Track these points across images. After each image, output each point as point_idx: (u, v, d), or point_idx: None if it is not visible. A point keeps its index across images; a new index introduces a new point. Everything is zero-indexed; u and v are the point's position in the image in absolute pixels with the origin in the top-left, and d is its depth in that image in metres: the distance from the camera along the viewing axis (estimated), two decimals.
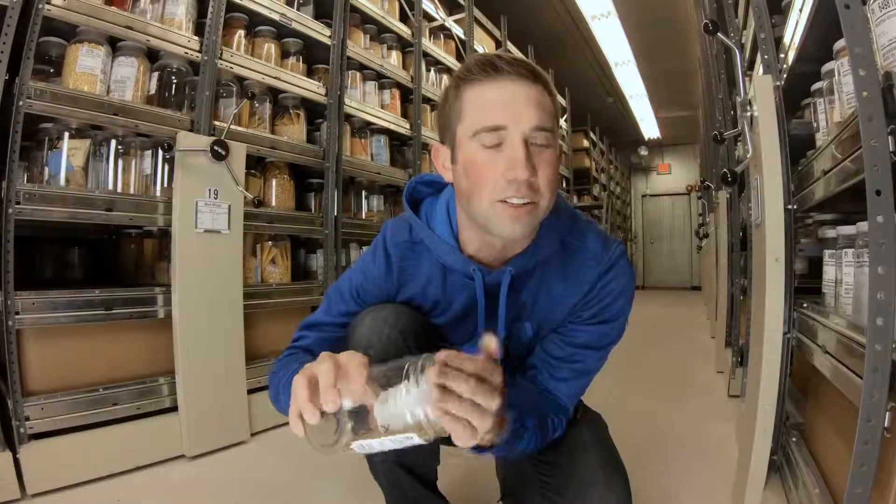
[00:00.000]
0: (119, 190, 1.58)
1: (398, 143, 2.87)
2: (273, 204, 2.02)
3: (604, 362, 0.84)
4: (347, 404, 0.53)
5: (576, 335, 0.81)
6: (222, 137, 1.68)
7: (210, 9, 1.74)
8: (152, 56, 1.67)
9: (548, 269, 0.81)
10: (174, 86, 1.71)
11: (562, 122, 6.03)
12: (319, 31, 2.19)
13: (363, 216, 2.57)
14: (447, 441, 0.93)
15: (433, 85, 3.11)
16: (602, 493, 0.76)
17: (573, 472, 0.78)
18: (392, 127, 2.69)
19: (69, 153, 1.49)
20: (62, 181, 1.46)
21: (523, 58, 0.73)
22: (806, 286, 1.30)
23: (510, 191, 0.68)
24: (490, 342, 0.55)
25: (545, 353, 0.83)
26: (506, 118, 0.68)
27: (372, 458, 0.91)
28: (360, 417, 0.54)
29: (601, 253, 0.81)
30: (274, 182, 2.04)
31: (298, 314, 2.10)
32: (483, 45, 3.89)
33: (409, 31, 2.86)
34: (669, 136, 9.48)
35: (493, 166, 0.68)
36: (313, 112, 2.25)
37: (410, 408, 0.52)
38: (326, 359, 0.55)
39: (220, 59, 1.77)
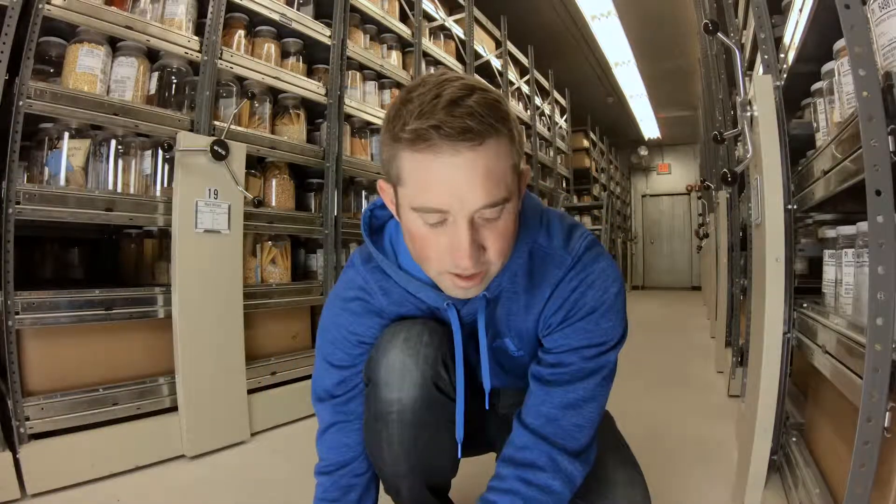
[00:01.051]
0: (119, 190, 1.57)
1: None
2: (273, 204, 2.02)
3: (599, 376, 0.73)
4: None
5: (555, 343, 0.75)
6: (222, 137, 1.68)
7: (210, 9, 1.74)
8: (152, 56, 1.67)
9: (516, 278, 0.76)
10: (174, 86, 1.71)
11: (562, 122, 6.03)
12: (319, 31, 2.19)
13: None
14: (472, 451, 0.92)
15: None
16: (625, 491, 0.76)
17: (593, 473, 0.76)
18: None
19: (69, 153, 1.48)
20: (62, 181, 1.46)
21: (467, 107, 0.58)
22: (806, 286, 1.30)
23: (456, 269, 0.64)
24: None
25: (530, 375, 0.76)
26: (448, 202, 0.59)
27: (394, 479, 0.84)
28: None
29: (562, 253, 0.75)
30: (274, 182, 2.04)
31: (298, 314, 2.10)
32: (483, 45, 3.89)
33: (409, 31, 2.86)
34: (669, 136, 9.48)
35: (437, 241, 0.63)
36: (313, 112, 2.25)
37: None
38: None
39: (220, 59, 1.77)
